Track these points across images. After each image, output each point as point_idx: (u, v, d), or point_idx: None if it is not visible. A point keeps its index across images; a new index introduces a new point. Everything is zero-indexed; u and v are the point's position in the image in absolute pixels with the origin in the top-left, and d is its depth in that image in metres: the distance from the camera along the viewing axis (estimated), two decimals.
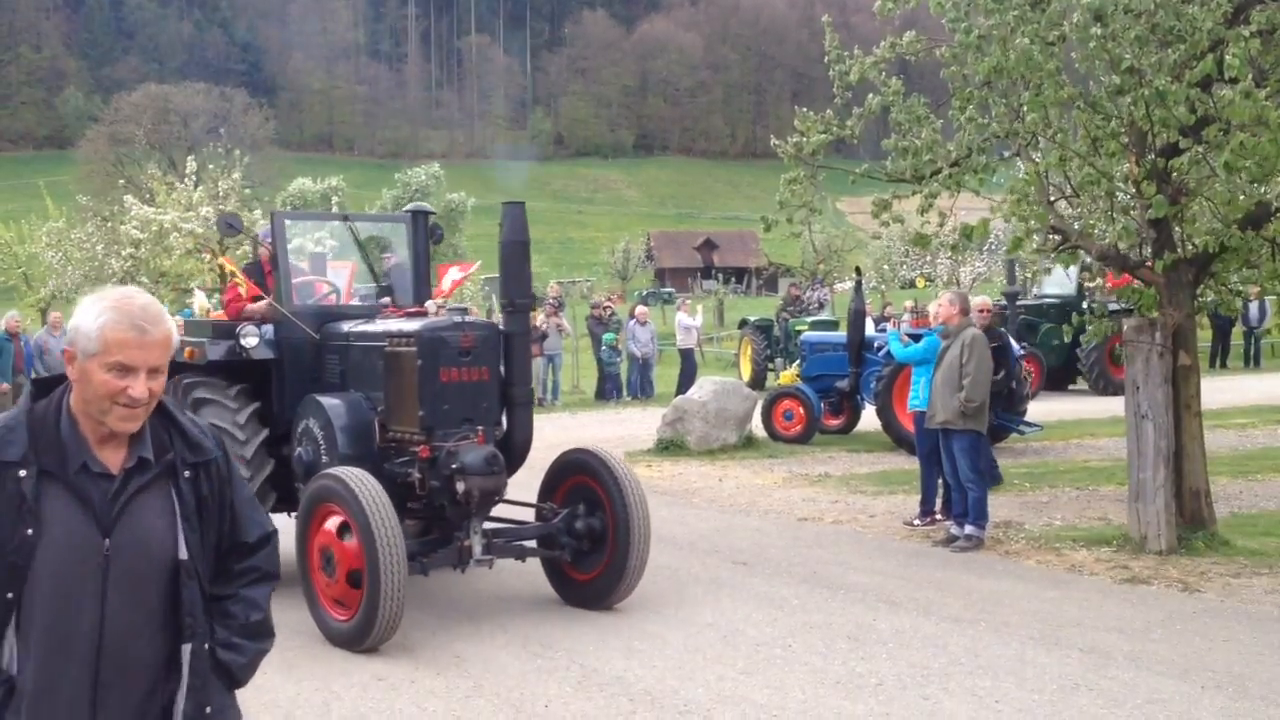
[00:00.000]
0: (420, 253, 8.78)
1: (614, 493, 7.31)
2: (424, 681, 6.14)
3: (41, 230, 36.43)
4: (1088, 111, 8.72)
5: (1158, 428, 8.85)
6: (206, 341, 8.18)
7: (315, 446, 7.58)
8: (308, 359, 8.17)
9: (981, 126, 9.22)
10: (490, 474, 6.77)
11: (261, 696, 5.95)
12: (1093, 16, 8.19)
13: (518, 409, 7.42)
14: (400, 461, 7.27)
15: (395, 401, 7.31)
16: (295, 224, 8.79)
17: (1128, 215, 9.31)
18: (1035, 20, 8.56)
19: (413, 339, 7.15)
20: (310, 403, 7.72)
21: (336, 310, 8.59)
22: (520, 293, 7.34)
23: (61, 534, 2.47)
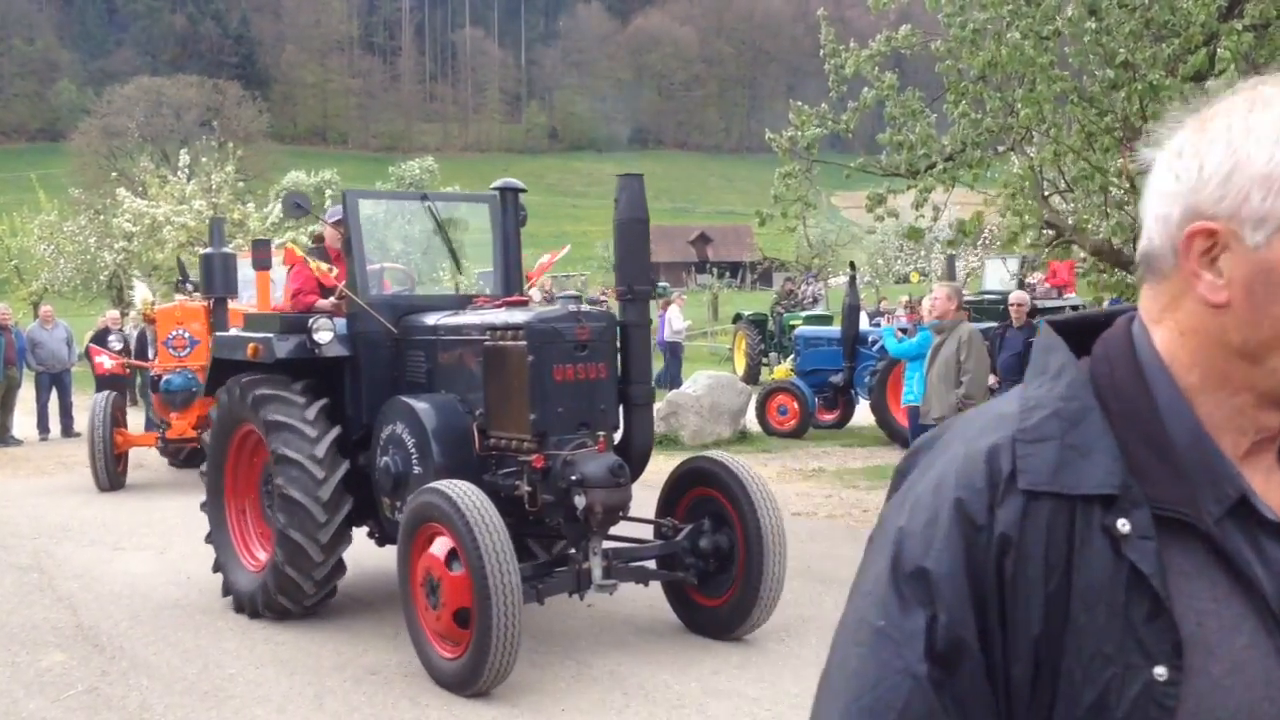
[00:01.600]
0: (510, 234, 7.74)
1: (744, 507, 6.44)
2: (417, 675, 6.11)
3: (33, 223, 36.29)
4: (1082, 106, 8.73)
5: None
6: (273, 337, 7.18)
7: (404, 456, 6.62)
8: (386, 356, 7.26)
9: (976, 121, 9.23)
10: (615, 486, 5.92)
11: (255, 690, 5.96)
12: (1087, 11, 8.20)
13: (637, 411, 6.55)
14: (505, 473, 6.38)
15: (498, 404, 6.45)
16: (370, 203, 7.65)
17: (1121, 210, 9.32)
18: (1029, 15, 8.56)
19: (521, 331, 6.24)
20: (396, 406, 6.77)
21: (416, 301, 7.64)
22: (639, 277, 6.40)
23: (1229, 666, 1.09)
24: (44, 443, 17.51)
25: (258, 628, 7.13)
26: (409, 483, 6.48)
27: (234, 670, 6.32)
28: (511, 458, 6.36)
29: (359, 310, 7.18)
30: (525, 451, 6.20)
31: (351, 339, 7.23)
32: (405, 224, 9.14)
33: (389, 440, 6.75)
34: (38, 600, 7.92)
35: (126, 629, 7.16)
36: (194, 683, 6.12)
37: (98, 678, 6.23)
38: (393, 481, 6.65)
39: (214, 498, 7.78)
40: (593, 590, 6.15)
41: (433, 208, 7.96)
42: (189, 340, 12.86)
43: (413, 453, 6.56)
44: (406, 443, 6.60)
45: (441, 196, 8.02)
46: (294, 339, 7.15)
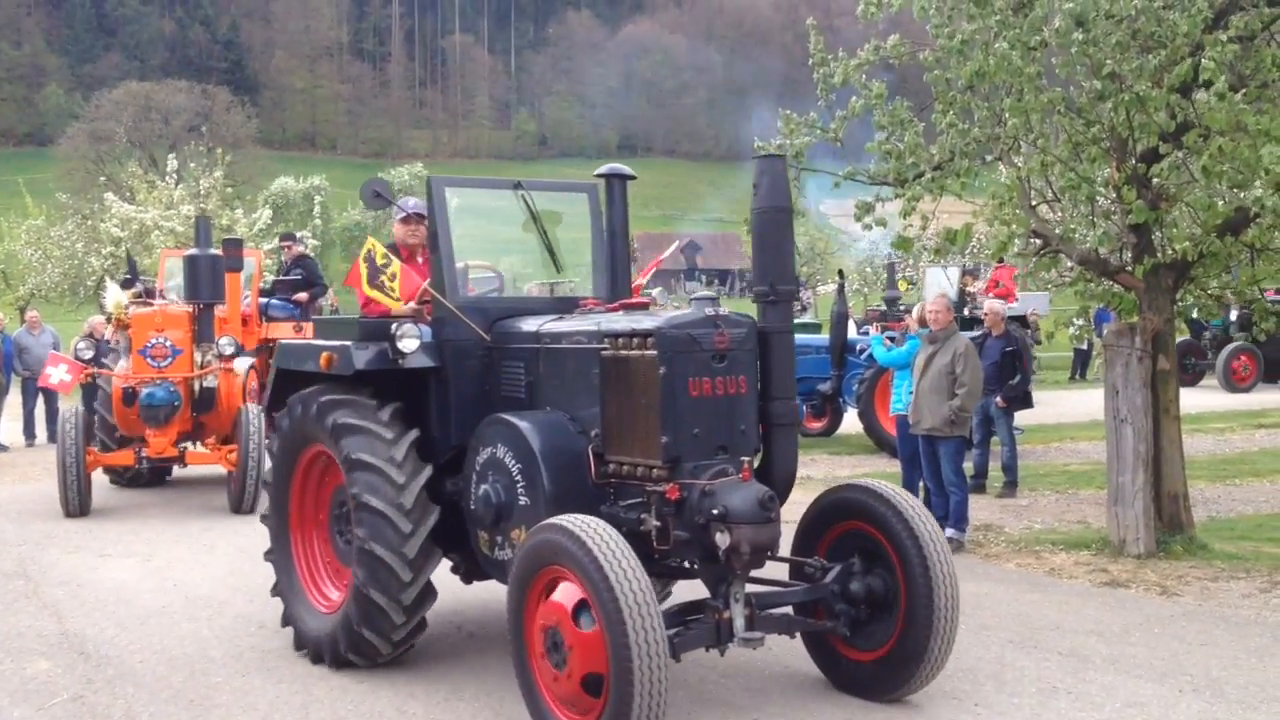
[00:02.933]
0: (617, 228, 6.76)
1: (905, 543, 5.52)
2: (403, 684, 6.12)
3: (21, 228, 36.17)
4: (1069, 116, 8.77)
5: (1137, 432, 8.90)
6: (350, 346, 6.27)
7: (507, 483, 5.76)
8: (477, 367, 6.40)
9: (964, 131, 9.25)
10: (765, 522, 5.12)
11: (241, 699, 5.94)
12: (1074, 22, 8.24)
13: (779, 432, 5.60)
14: (627, 504, 5.52)
15: (619, 424, 5.54)
16: (459, 192, 6.78)
17: (1108, 220, 9.38)
18: (1017, 25, 8.59)
19: (651, 339, 5.36)
20: (497, 425, 5.89)
21: (510, 304, 6.72)
22: (782, 275, 5.49)
23: None
24: (30, 448, 17.44)
25: (244, 635, 7.11)
26: (513, 514, 5.72)
27: (220, 678, 6.29)
28: (635, 487, 5.48)
29: (447, 315, 6.34)
30: (654, 480, 5.33)
31: (438, 348, 6.35)
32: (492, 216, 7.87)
33: (488, 465, 5.89)
34: (23, 607, 7.88)
35: (112, 636, 7.13)
36: (180, 690, 6.10)
37: (83, 686, 6.20)
38: (494, 513, 5.80)
39: (278, 533, 6.89)
40: (735, 644, 5.25)
41: (527, 197, 6.90)
42: (171, 349, 11.73)
43: (518, 480, 5.70)
44: (510, 468, 5.74)
45: (537, 185, 7.08)
46: (374, 347, 6.26)
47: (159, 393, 11.39)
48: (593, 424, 5.71)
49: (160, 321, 11.85)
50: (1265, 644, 6.83)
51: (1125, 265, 9.35)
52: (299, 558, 6.86)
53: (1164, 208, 8.86)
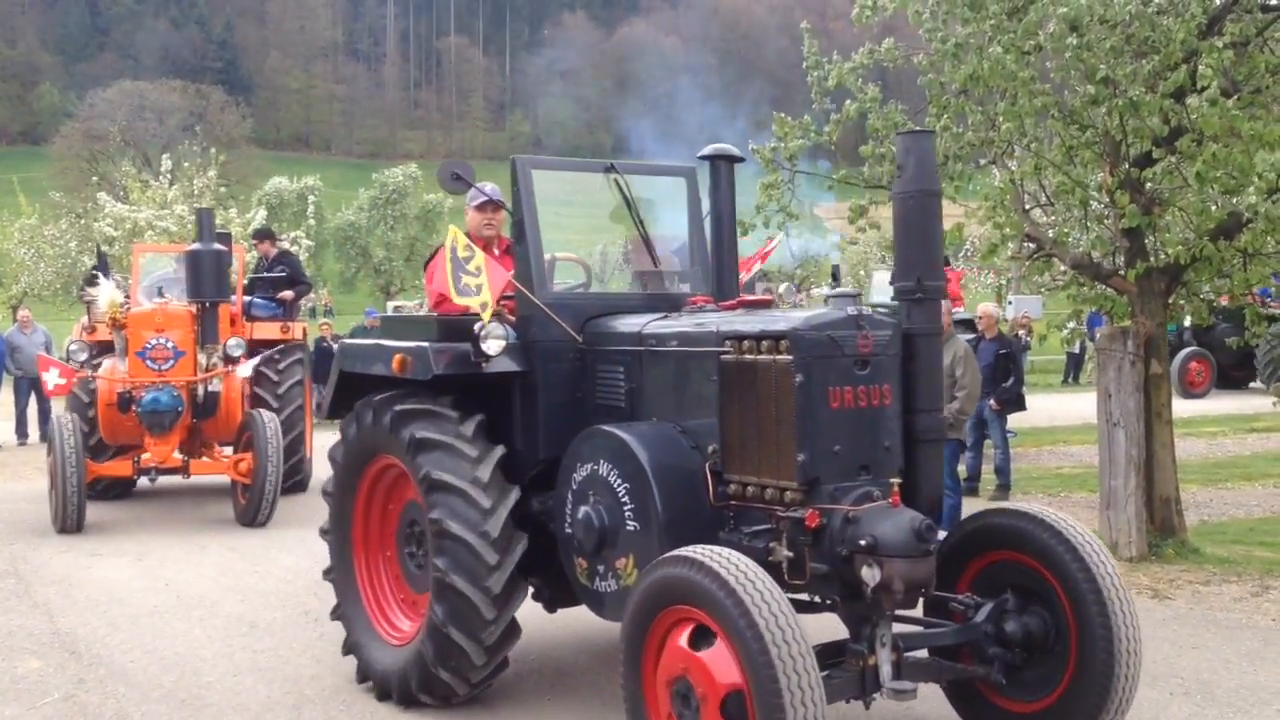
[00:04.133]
0: (723, 216, 6.04)
1: (1076, 578, 4.73)
2: None
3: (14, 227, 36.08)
4: (1063, 121, 8.79)
5: (1129, 435, 8.92)
6: (428, 347, 5.61)
7: (612, 504, 5.07)
8: (568, 372, 5.73)
9: (957, 135, 9.28)
10: (921, 556, 4.40)
11: (232, 699, 5.94)
12: (1068, 27, 8.26)
13: (924, 449, 4.87)
14: (752, 532, 4.79)
15: (743, 438, 4.86)
16: (545, 175, 5.97)
17: (1101, 224, 9.40)
18: (1011, 30, 8.62)
19: (785, 342, 4.68)
20: (598, 439, 5.21)
21: (605, 301, 6.02)
22: (930, 269, 4.78)
23: None
24: (21, 447, 17.43)
25: (236, 635, 7.10)
26: (618, 540, 5.04)
27: (212, 678, 6.29)
28: (760, 511, 4.80)
29: (534, 314, 5.67)
30: (786, 503, 4.66)
31: (523, 350, 5.70)
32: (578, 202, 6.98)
33: (588, 483, 5.20)
34: (14, 606, 7.86)
35: (104, 636, 7.12)
36: (171, 690, 6.10)
37: (74, 685, 6.19)
38: (596, 538, 5.10)
39: (340, 554, 6.26)
40: (882, 694, 4.55)
41: (620, 181, 6.15)
42: (173, 351, 10.96)
43: (625, 501, 5.00)
44: (615, 487, 5.06)
45: (630, 167, 6.29)
46: (453, 349, 5.61)
47: (164, 398, 10.68)
48: (708, 438, 5.02)
49: (160, 321, 11.10)
50: (1256, 647, 6.85)
51: (1118, 269, 9.38)
52: (363, 580, 6.20)
53: (1157, 212, 8.89)
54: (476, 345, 5.52)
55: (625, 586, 4.94)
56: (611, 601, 5.08)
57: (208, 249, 10.88)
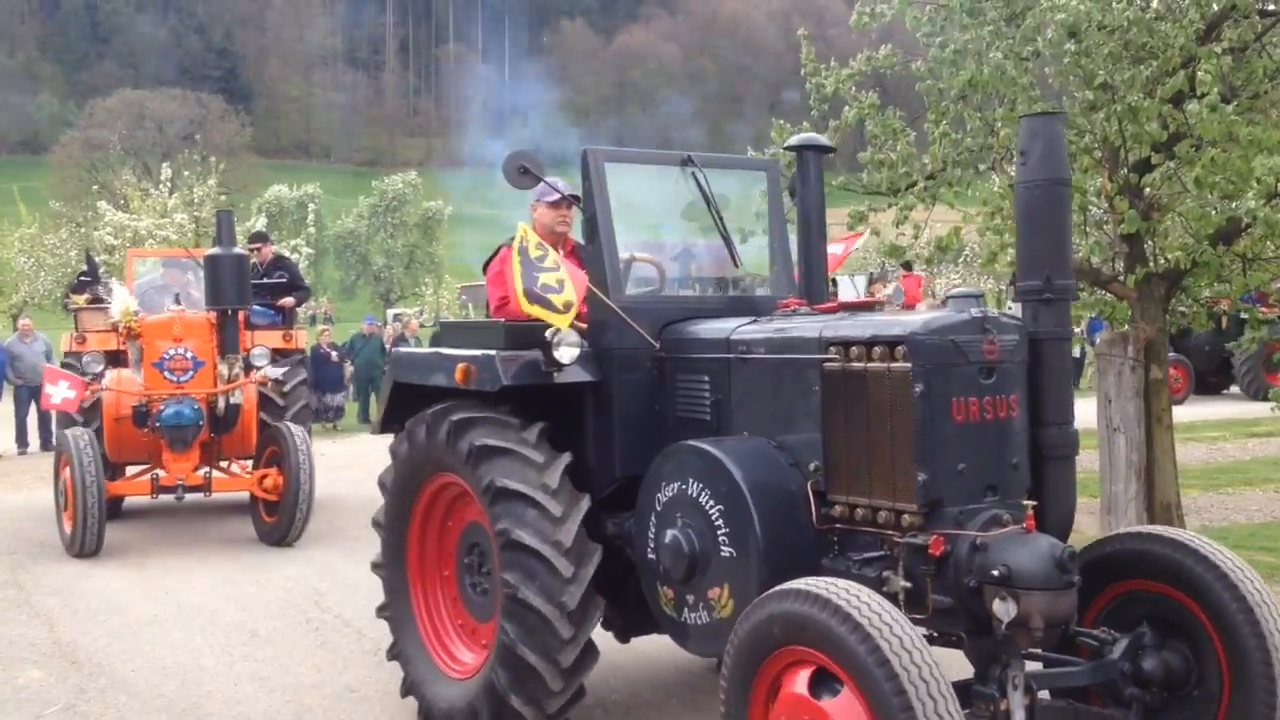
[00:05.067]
0: (812, 212, 5.53)
1: (1226, 609, 4.16)
2: (396, 693, 6.09)
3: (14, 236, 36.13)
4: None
5: (1129, 441, 8.92)
6: (495, 356, 5.19)
7: (703, 528, 4.58)
8: (645, 381, 5.30)
9: (956, 141, 9.28)
10: (1063, 589, 3.91)
11: (233, 708, 5.93)
12: (1067, 33, 8.26)
13: (1053, 466, 4.37)
14: (862, 559, 4.36)
15: (851, 455, 4.41)
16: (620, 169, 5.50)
17: (1100, 230, 9.40)
18: (1010, 35, 8.62)
19: (902, 348, 4.21)
20: (686, 456, 4.73)
21: (682, 305, 5.55)
22: (1059, 266, 4.29)
23: None
24: (22, 456, 17.42)
25: (237, 645, 7.09)
26: (710, 567, 4.55)
27: (212, 687, 6.28)
28: (870, 536, 4.34)
29: (608, 318, 5.22)
30: (903, 528, 4.19)
31: (596, 358, 5.26)
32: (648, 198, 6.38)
33: (676, 504, 4.73)
34: (15, 616, 7.86)
35: (104, 645, 7.11)
36: (172, 700, 6.09)
37: (75, 695, 6.19)
38: (686, 565, 4.61)
39: (395, 589, 5.80)
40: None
41: (698, 175, 5.67)
42: (192, 361, 10.40)
43: (718, 524, 4.52)
44: (707, 509, 4.58)
45: (710, 160, 5.83)
46: (522, 357, 5.17)
47: (187, 411, 10.08)
48: (809, 454, 4.57)
49: (179, 330, 10.53)
50: None
51: (1117, 275, 9.37)
52: (421, 613, 5.73)
53: (1156, 217, 8.90)
54: (548, 353, 5.04)
55: (719, 619, 4.48)
56: (701, 635, 4.64)
57: (227, 254, 10.16)
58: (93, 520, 9.44)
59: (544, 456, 5.03)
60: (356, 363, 21.71)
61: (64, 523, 9.95)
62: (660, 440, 5.08)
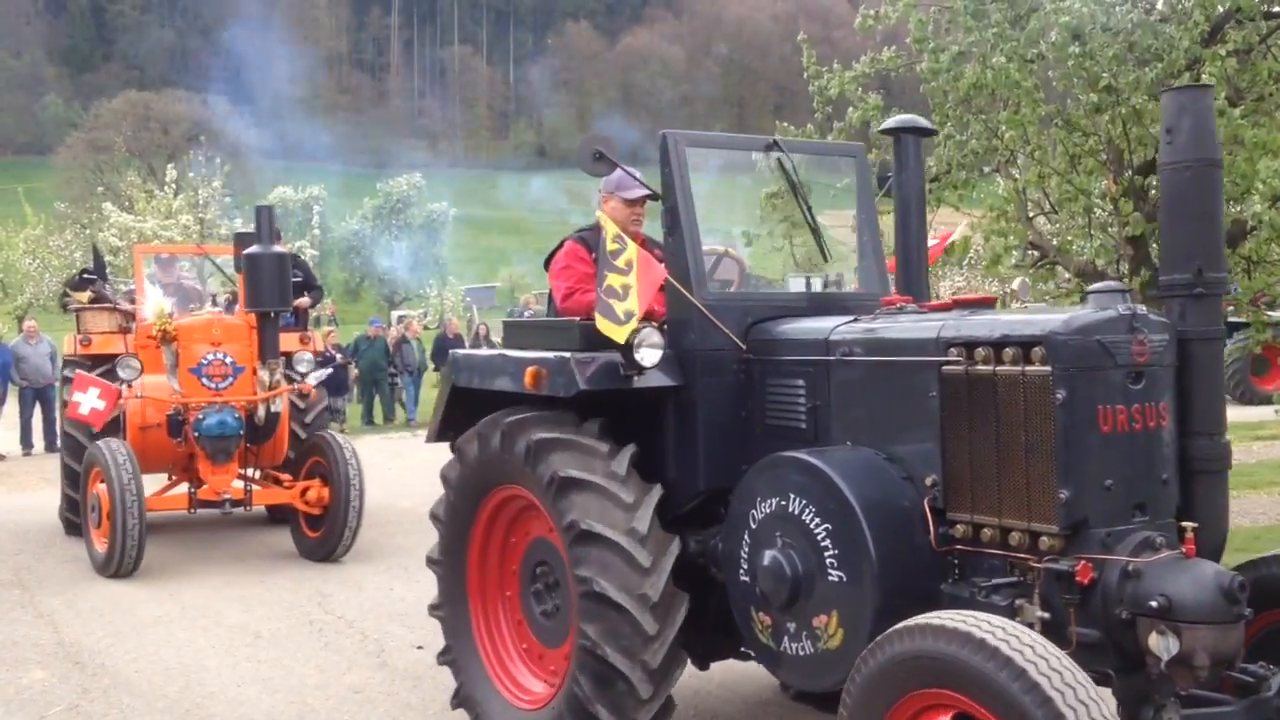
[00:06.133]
0: (911, 200, 5.13)
1: None
2: (400, 694, 6.11)
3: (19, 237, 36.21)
4: (1066, 129, 8.80)
5: None
6: (569, 358, 4.75)
7: (808, 549, 4.12)
8: (731, 386, 4.86)
9: (961, 143, 9.29)
10: (1230, 621, 3.49)
11: (236, 709, 5.93)
12: (1071, 35, 8.27)
13: (1203, 481, 3.95)
14: (989, 585, 3.87)
15: (977, 469, 3.97)
16: (702, 154, 5.15)
17: (1105, 232, 9.40)
18: (1014, 38, 8.63)
19: (1040, 349, 3.75)
20: (785, 469, 4.27)
21: (770, 302, 5.13)
22: (1211, 257, 3.89)
23: None
24: (27, 457, 17.46)
25: (240, 645, 7.10)
26: (815, 593, 4.09)
27: (215, 688, 6.29)
28: (998, 559, 3.92)
29: (691, 318, 4.80)
30: (1040, 552, 3.74)
31: (678, 360, 4.81)
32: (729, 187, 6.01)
33: (775, 523, 4.27)
34: (19, 617, 7.87)
35: (108, 646, 7.12)
36: (175, 701, 6.09)
37: (79, 695, 6.19)
38: (789, 590, 4.14)
39: (451, 590, 5.41)
40: None
41: (784, 161, 5.26)
42: (232, 367, 9.79)
43: (825, 544, 4.05)
44: (811, 528, 4.11)
45: (799, 146, 5.40)
46: (598, 360, 4.75)
47: (230, 420, 9.45)
48: (924, 468, 4.13)
49: (218, 333, 9.89)
50: None
51: (1122, 277, 9.37)
52: (479, 623, 5.34)
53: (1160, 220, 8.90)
54: (629, 354, 4.61)
55: (826, 650, 4.04)
56: (804, 667, 4.17)
57: (268, 251, 9.35)
58: (132, 542, 8.79)
59: (634, 495, 4.57)
60: (360, 365, 21.72)
61: (95, 542, 9.28)
62: (748, 450, 4.69)
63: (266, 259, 9.33)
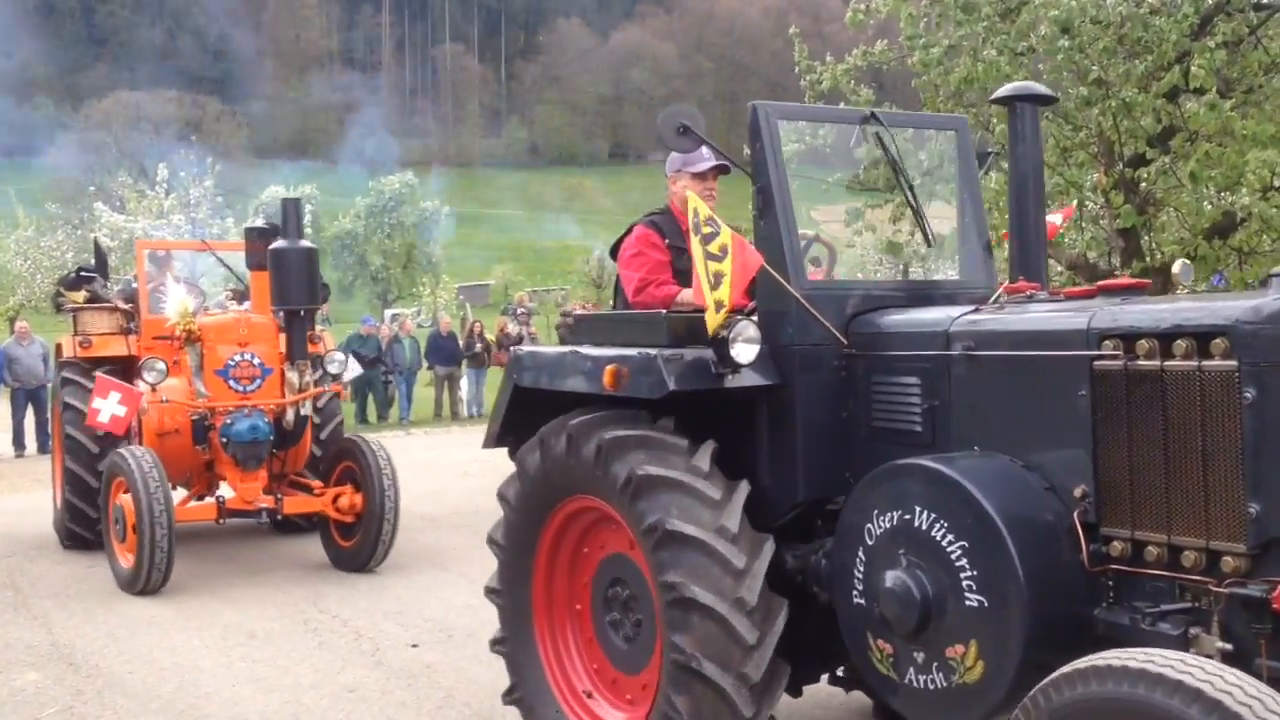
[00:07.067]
0: (1029, 176, 4.62)
1: None
2: (395, 693, 6.10)
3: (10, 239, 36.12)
4: (1057, 122, 8.82)
5: None
6: (656, 356, 4.25)
7: (941, 569, 3.63)
8: (831, 384, 4.39)
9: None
10: None
11: (230, 709, 5.92)
12: (1060, 29, 8.29)
13: None
14: (1157, 613, 3.42)
15: (1139, 479, 3.49)
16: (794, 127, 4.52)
17: (1097, 224, 9.43)
18: (1005, 31, 8.66)
19: (1222, 339, 3.25)
20: (908, 478, 3.79)
21: (873, 291, 4.65)
22: None
23: None
24: (19, 459, 17.42)
25: (235, 645, 7.09)
26: (949, 619, 3.61)
27: (210, 688, 6.27)
28: (1164, 582, 3.46)
29: (788, 309, 4.33)
30: (1220, 574, 3.27)
31: (773, 357, 4.32)
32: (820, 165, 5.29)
33: (896, 538, 3.78)
34: (12, 619, 7.84)
35: (101, 647, 7.10)
36: (169, 701, 6.08)
37: (73, 697, 6.17)
38: (918, 614, 3.66)
39: (516, 621, 4.91)
40: None
41: (883, 135, 4.78)
42: (261, 369, 9.29)
43: (961, 565, 3.57)
44: (944, 547, 3.62)
45: (896, 119, 5.03)
46: (686, 357, 4.25)
47: (261, 425, 8.91)
48: (1070, 477, 3.63)
49: (245, 334, 9.35)
50: None
51: (1114, 269, 9.39)
52: (549, 658, 4.86)
53: (1152, 212, 8.92)
54: (723, 350, 4.11)
55: (962, 684, 3.58)
56: (935, 703, 3.70)
57: (295, 246, 8.84)
58: (160, 555, 8.23)
59: (720, 491, 4.13)
60: None
61: (119, 556, 8.66)
62: (851, 456, 4.30)
63: (294, 254, 8.82)
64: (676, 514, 4.03)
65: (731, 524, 4.05)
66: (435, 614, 7.71)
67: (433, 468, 14.73)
